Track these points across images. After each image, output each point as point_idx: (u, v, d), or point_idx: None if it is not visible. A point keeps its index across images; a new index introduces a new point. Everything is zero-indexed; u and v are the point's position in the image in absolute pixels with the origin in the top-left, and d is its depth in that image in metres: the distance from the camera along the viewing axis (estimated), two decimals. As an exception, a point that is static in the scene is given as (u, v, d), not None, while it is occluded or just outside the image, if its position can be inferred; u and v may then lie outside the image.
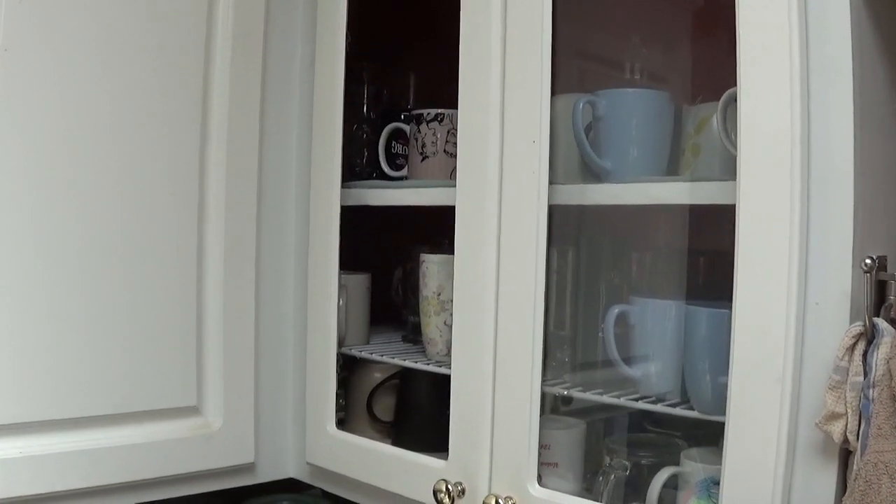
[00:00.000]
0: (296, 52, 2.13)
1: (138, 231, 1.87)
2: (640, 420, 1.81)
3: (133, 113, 1.85)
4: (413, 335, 2.20)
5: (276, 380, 2.14)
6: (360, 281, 2.23)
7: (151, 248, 1.89)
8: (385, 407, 2.20)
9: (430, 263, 2.00)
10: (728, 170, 1.45)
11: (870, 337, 1.26)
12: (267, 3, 2.04)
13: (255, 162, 2.04)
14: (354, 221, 2.04)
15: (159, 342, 1.91)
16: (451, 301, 1.79)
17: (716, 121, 1.56)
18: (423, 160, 2.05)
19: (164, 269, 1.91)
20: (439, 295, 1.98)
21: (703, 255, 1.75)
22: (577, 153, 1.72)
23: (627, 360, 1.68)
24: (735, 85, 1.38)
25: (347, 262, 2.06)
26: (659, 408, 1.64)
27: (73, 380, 1.80)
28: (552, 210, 1.65)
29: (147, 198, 1.88)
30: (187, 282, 1.95)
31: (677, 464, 1.65)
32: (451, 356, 1.79)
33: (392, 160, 2.20)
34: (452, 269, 1.78)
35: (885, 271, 1.30)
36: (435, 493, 1.74)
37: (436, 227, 1.89)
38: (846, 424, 1.27)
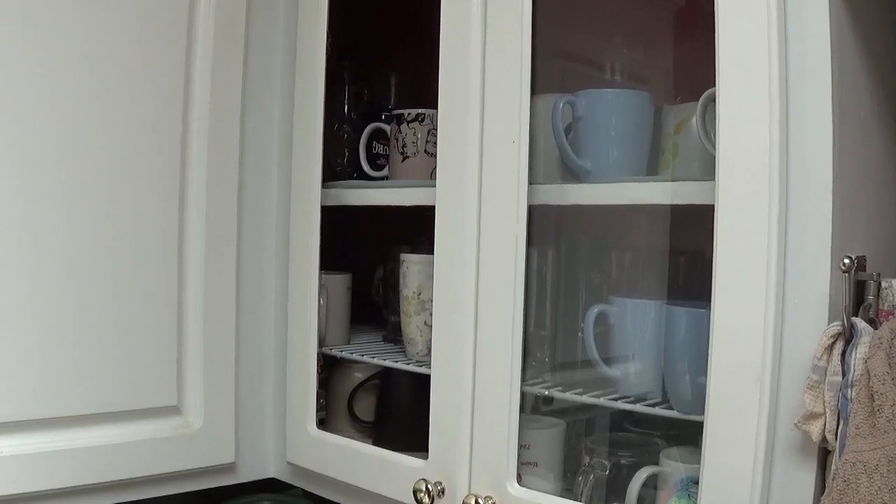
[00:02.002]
0: (277, 52, 2.13)
1: (119, 231, 1.86)
2: (620, 420, 1.81)
3: (114, 112, 1.85)
4: (393, 335, 2.20)
5: (257, 380, 2.13)
6: (340, 281, 2.23)
7: (132, 249, 1.88)
8: (365, 407, 2.20)
9: (411, 263, 2.00)
10: (707, 170, 1.45)
11: (848, 337, 1.27)
12: (248, 3, 2.04)
13: (236, 162, 2.03)
14: (335, 221, 2.04)
15: (139, 342, 1.91)
16: (432, 301, 1.79)
17: (695, 121, 1.56)
18: (403, 160, 2.05)
19: (144, 269, 1.91)
20: (419, 295, 1.98)
21: (683, 255, 1.75)
22: (556, 153, 1.73)
23: (607, 360, 1.68)
24: (714, 85, 1.39)
25: (328, 262, 2.06)
26: (638, 407, 1.64)
27: (53, 379, 1.80)
28: (532, 210, 1.65)
29: (127, 197, 1.87)
30: (168, 281, 1.95)
31: (657, 463, 1.65)
32: (431, 356, 1.79)
33: (373, 160, 2.20)
34: (432, 269, 1.78)
35: (864, 271, 1.31)
36: (415, 492, 1.74)
37: (416, 227, 1.89)
38: (824, 424, 1.27)
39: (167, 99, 1.92)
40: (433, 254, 1.78)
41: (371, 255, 2.39)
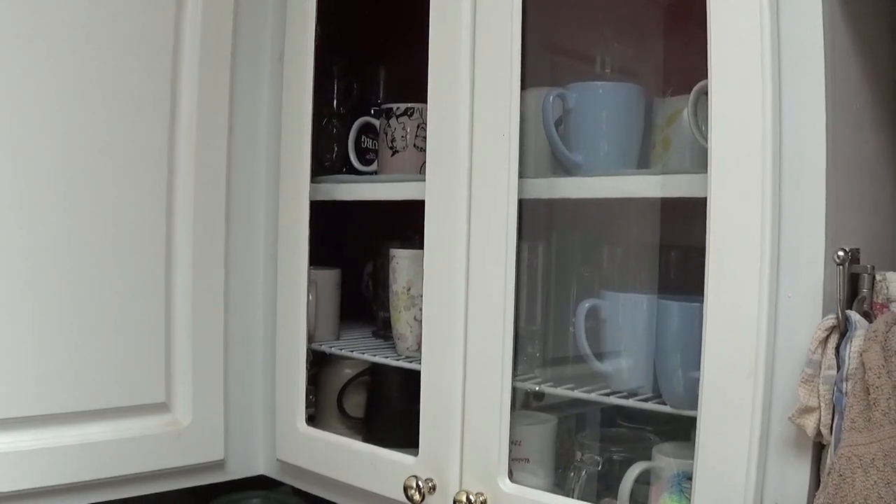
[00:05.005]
0: (265, 47, 2.12)
1: (106, 227, 1.86)
2: (612, 415, 1.81)
3: (101, 107, 1.84)
4: (383, 331, 2.19)
5: (246, 376, 2.13)
6: (329, 276, 2.22)
7: (119, 244, 1.88)
8: (355, 403, 2.19)
9: (400, 258, 2.00)
10: (699, 163, 1.44)
11: (843, 330, 1.26)
12: (236, -3, 2.04)
13: (224, 157, 2.02)
14: (324, 216, 2.04)
15: (128, 338, 1.90)
16: (422, 296, 1.78)
17: (686, 114, 1.56)
18: (392, 155, 2.05)
19: (132, 265, 1.90)
20: (409, 290, 1.98)
21: (675, 249, 1.75)
22: (547, 147, 1.72)
23: (599, 355, 1.68)
24: (705, 77, 1.38)
25: (317, 258, 2.05)
26: (631, 403, 1.63)
27: (40, 376, 1.79)
28: (522, 204, 1.64)
29: (115, 193, 1.86)
30: (156, 277, 1.94)
31: (649, 459, 1.64)
32: (421, 351, 1.79)
33: (362, 155, 2.19)
34: (422, 264, 1.77)
35: (858, 264, 1.30)
36: (405, 489, 1.73)
37: (406, 222, 1.89)
38: (819, 418, 1.27)
39: (154, 95, 1.91)
40: (423, 249, 1.77)
41: (360, 251, 2.39)
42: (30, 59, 1.75)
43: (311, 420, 2.10)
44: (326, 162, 2.21)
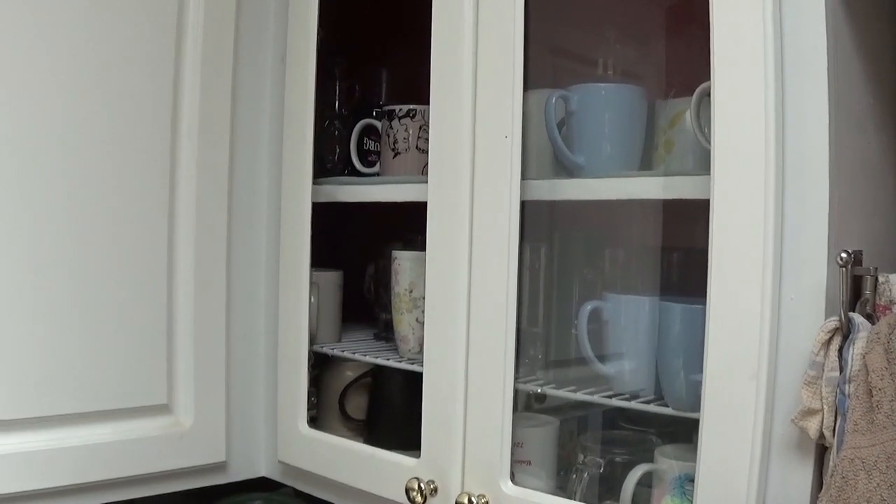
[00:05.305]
0: (267, 48, 2.12)
1: (108, 228, 1.85)
2: (614, 417, 1.80)
3: (103, 107, 1.84)
4: (385, 332, 2.19)
5: (248, 378, 2.12)
6: (331, 278, 2.22)
7: (121, 246, 1.87)
8: (357, 405, 2.19)
9: (402, 260, 2.00)
10: (701, 164, 1.44)
11: (845, 332, 1.26)
12: (238, -1, 2.03)
13: (226, 158, 2.02)
14: (326, 218, 2.03)
15: (130, 340, 1.90)
16: (424, 298, 1.78)
17: (689, 116, 1.56)
18: (395, 156, 2.05)
19: (134, 266, 1.90)
20: (411, 292, 1.97)
21: (677, 251, 1.74)
22: (549, 149, 1.72)
23: (601, 357, 1.68)
24: (708, 79, 1.38)
25: (319, 260, 2.05)
26: (633, 405, 1.63)
27: (43, 378, 1.79)
28: (525, 206, 1.64)
29: (117, 194, 1.86)
30: (158, 279, 1.94)
31: (651, 461, 1.64)
32: (423, 353, 1.78)
33: (364, 157, 2.19)
34: (424, 266, 1.77)
35: (861, 266, 1.29)
36: (407, 491, 1.73)
37: (408, 224, 1.88)
38: (822, 420, 1.26)
39: (156, 96, 1.91)
40: (425, 250, 1.77)
41: (362, 252, 2.38)
42: (31, 60, 1.75)
43: (313, 422, 2.10)
44: (328, 163, 2.21)
